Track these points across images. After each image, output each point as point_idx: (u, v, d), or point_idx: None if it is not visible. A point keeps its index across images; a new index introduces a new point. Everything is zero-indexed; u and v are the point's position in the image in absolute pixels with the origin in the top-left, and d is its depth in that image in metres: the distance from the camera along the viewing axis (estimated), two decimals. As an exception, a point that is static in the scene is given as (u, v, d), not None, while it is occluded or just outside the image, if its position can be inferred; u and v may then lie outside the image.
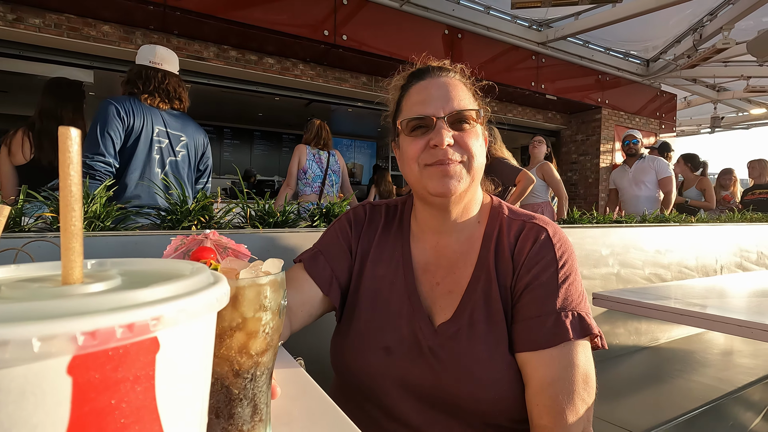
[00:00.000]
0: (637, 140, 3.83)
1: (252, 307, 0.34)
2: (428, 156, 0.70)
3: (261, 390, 0.37)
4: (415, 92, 0.73)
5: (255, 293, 0.35)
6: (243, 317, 0.34)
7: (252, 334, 0.34)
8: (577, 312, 0.66)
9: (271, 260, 0.39)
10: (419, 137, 0.71)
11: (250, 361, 0.35)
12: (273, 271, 0.38)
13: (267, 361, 0.37)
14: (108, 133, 1.74)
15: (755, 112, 9.71)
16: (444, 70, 0.76)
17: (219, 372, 0.35)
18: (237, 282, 0.35)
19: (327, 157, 3.09)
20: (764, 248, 2.51)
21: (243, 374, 0.35)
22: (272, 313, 0.36)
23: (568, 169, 7.88)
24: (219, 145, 8.12)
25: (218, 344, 0.34)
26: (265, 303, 0.35)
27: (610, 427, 1.21)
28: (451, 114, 0.69)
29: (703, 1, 5.43)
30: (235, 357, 0.34)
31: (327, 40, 4.47)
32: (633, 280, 1.85)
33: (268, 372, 0.37)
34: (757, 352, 1.87)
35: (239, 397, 0.35)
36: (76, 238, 0.20)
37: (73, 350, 0.16)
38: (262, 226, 1.15)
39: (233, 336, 0.34)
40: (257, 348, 0.35)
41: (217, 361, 0.34)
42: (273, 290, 0.36)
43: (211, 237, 0.46)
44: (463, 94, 0.73)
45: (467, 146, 0.70)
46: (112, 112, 1.76)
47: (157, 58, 1.93)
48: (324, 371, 0.84)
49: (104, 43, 3.84)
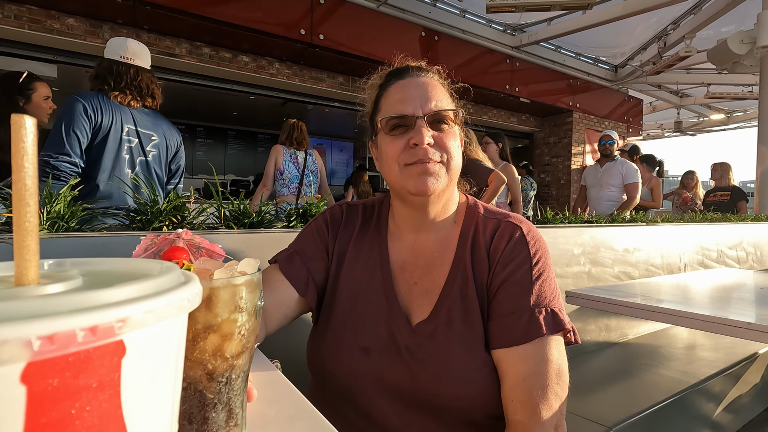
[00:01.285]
0: (613, 141, 3.93)
1: (227, 308, 0.33)
2: (408, 155, 0.70)
3: (236, 394, 0.35)
4: (395, 91, 0.73)
5: (230, 294, 0.33)
6: (217, 319, 0.33)
7: (227, 336, 0.33)
8: (550, 308, 0.67)
9: (246, 260, 0.38)
10: (399, 136, 0.70)
11: (225, 364, 0.34)
12: (249, 271, 0.37)
13: (243, 364, 0.36)
14: (74, 132, 1.66)
15: (715, 117, 10.22)
16: (423, 70, 0.76)
17: (192, 376, 0.34)
18: (211, 282, 0.33)
19: (304, 157, 3.06)
20: (724, 247, 2.64)
21: (217, 378, 0.34)
22: (248, 314, 0.35)
23: (541, 171, 8.07)
24: (192, 144, 7.91)
25: (191, 347, 0.33)
26: (240, 304, 0.34)
27: (582, 421, 1.24)
28: (431, 113, 0.69)
29: (667, 10, 5.68)
30: (209, 360, 0.33)
31: (303, 39, 4.43)
32: (603, 278, 1.91)
33: (243, 375, 0.36)
34: (717, 346, 1.97)
35: (213, 402, 0.34)
36: (31, 236, 0.18)
37: (27, 356, 0.14)
38: (237, 227, 1.12)
39: (207, 338, 0.33)
40: (232, 350, 0.34)
41: (189, 364, 0.33)
42: (249, 291, 0.35)
43: (184, 236, 0.44)
44: (442, 94, 0.73)
45: (446, 146, 0.70)
46: (79, 109, 1.68)
47: (128, 53, 1.85)
48: (301, 373, 0.82)
49: (69, 37, 3.68)
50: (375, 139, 0.77)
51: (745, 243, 2.83)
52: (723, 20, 5.53)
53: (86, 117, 1.69)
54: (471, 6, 5.62)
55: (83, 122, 1.68)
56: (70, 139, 1.65)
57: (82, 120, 1.68)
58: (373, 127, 0.77)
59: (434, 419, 0.68)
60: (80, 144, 1.68)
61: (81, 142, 1.68)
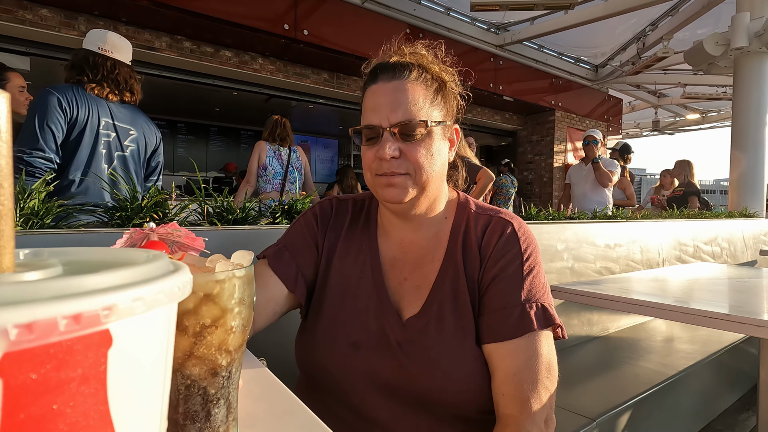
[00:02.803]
0: (597, 141, 4.03)
1: (231, 301, 0.33)
2: (377, 166, 0.69)
3: (234, 388, 0.35)
4: (368, 97, 0.71)
5: (234, 287, 0.33)
6: (224, 312, 0.33)
7: (231, 329, 0.33)
8: (540, 303, 0.68)
9: (240, 252, 0.38)
10: (371, 146, 0.69)
11: (228, 358, 0.34)
12: (245, 263, 0.37)
13: (241, 357, 0.36)
14: (48, 126, 1.59)
15: (690, 117, 10.52)
16: (399, 70, 0.69)
17: (197, 373, 0.33)
18: (216, 275, 0.33)
19: (288, 153, 3.03)
20: (700, 242, 2.72)
21: (221, 373, 0.34)
22: (248, 306, 0.35)
23: (524, 169, 8.18)
24: (173, 140, 7.74)
25: (198, 343, 0.32)
26: (244, 296, 0.34)
27: (566, 413, 1.26)
28: (396, 124, 0.66)
29: (645, 12, 5.81)
30: (215, 355, 0.33)
31: (287, 35, 4.37)
32: (585, 273, 1.94)
33: (240, 368, 0.36)
34: (694, 338, 2.03)
35: (216, 398, 0.34)
36: (5, 220, 0.17)
37: (3, 347, 0.13)
38: (221, 224, 1.10)
39: (214, 333, 0.33)
40: (235, 343, 0.34)
41: (195, 362, 0.33)
42: (248, 283, 0.35)
43: (158, 231, 0.42)
44: (415, 99, 0.67)
45: (414, 158, 0.67)
46: (53, 102, 1.61)
47: (107, 45, 1.78)
48: (287, 371, 0.81)
49: (42, 29, 3.55)
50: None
51: (720, 239, 2.92)
52: (699, 22, 5.69)
53: (61, 110, 1.62)
54: (455, 4, 5.64)
55: (57, 116, 1.61)
56: (44, 134, 1.59)
57: (56, 114, 1.61)
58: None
59: (425, 414, 0.68)
60: (55, 139, 1.61)
61: (56, 136, 1.61)
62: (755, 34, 4.22)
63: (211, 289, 0.32)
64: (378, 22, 5.11)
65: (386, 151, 0.66)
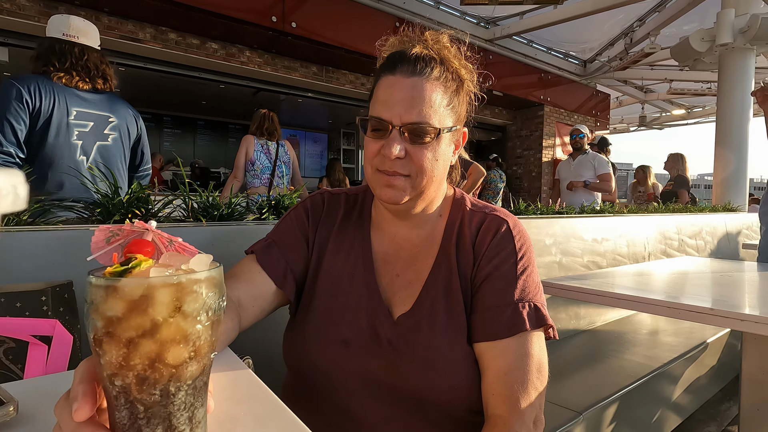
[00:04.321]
0: (583, 135, 4.08)
1: (165, 310, 0.30)
2: (379, 161, 0.67)
3: (178, 409, 0.32)
4: (383, 87, 0.67)
5: (169, 295, 0.30)
6: (153, 322, 0.29)
7: (165, 343, 0.30)
8: (533, 303, 0.67)
9: (198, 256, 0.34)
10: (375, 139, 0.67)
11: (160, 374, 0.30)
12: (198, 269, 0.33)
13: (189, 376, 0.32)
14: (6, 119, 1.51)
15: (676, 112, 10.68)
16: (420, 66, 0.65)
17: (125, 383, 0.30)
18: (147, 280, 0.30)
19: (276, 148, 2.99)
20: (685, 236, 2.76)
21: (148, 390, 0.30)
22: (193, 319, 0.31)
23: (514, 164, 8.23)
24: (159, 134, 7.61)
25: (117, 350, 0.29)
26: (184, 306, 0.30)
27: (553, 407, 1.27)
28: (408, 125, 0.64)
29: (633, 7, 5.85)
30: (139, 367, 0.29)
31: (275, 27, 4.31)
32: (573, 267, 1.96)
33: (191, 389, 0.32)
34: (678, 331, 2.06)
35: (146, 416, 0.31)
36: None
37: None
38: (206, 220, 1.08)
39: (140, 343, 0.29)
40: (174, 359, 0.30)
41: (118, 370, 0.30)
42: (196, 292, 0.31)
43: (153, 230, 0.39)
44: (433, 100, 0.65)
45: (418, 161, 0.66)
46: (12, 94, 1.53)
47: (72, 31, 1.69)
48: (274, 371, 0.80)
49: (21, 18, 3.44)
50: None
51: (704, 233, 2.97)
52: (685, 18, 5.76)
53: (21, 102, 1.53)
54: (445, -2, 5.63)
55: (17, 108, 1.53)
56: (2, 128, 1.51)
57: (15, 106, 1.53)
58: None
59: (415, 413, 0.67)
60: (15, 132, 1.53)
61: (16, 129, 1.53)
62: (740, 30, 4.28)
63: (133, 295, 0.29)
64: (367, 15, 5.06)
65: (392, 150, 0.64)
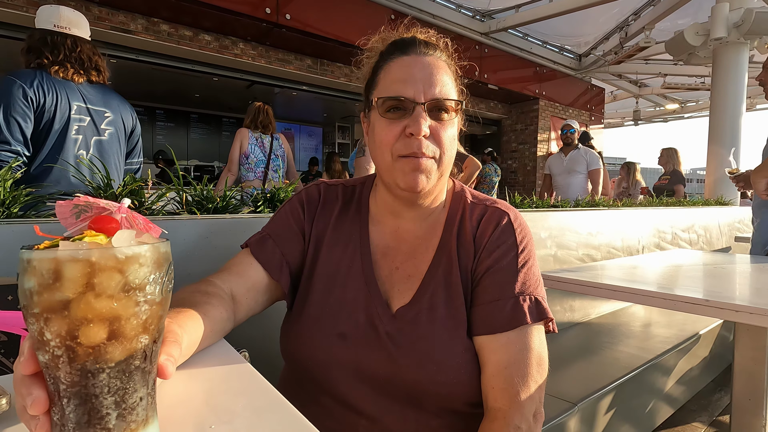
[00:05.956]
0: (573, 130, 4.08)
1: (72, 286, 0.29)
2: (402, 146, 0.64)
3: (103, 391, 0.31)
4: (397, 67, 0.66)
5: (76, 270, 0.29)
6: (61, 297, 0.29)
7: (78, 321, 0.29)
8: (534, 296, 0.67)
9: (121, 232, 0.33)
10: (395, 121, 0.64)
11: (75, 353, 0.29)
12: (117, 245, 0.32)
13: (111, 358, 0.30)
14: (13, 118, 1.49)
15: (670, 107, 10.73)
16: (431, 47, 0.67)
17: (44, 360, 0.30)
18: (54, 252, 0.29)
19: (270, 141, 2.97)
20: (677, 230, 2.78)
21: (65, 368, 0.30)
22: (106, 297, 0.30)
23: (509, 157, 8.24)
24: (151, 128, 7.54)
25: (40, 328, 0.29)
26: (96, 283, 0.29)
27: (548, 398, 1.28)
28: (432, 101, 0.63)
29: (628, 1, 5.86)
30: (55, 344, 0.29)
31: (269, 19, 4.26)
32: (568, 260, 1.97)
33: (114, 371, 0.31)
34: (671, 323, 2.08)
35: (68, 395, 0.30)
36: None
37: None
38: (200, 213, 1.07)
39: (51, 320, 0.29)
40: (87, 339, 0.29)
41: (41, 346, 0.29)
42: (110, 268, 0.30)
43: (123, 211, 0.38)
44: (447, 78, 0.66)
45: (441, 140, 0.65)
46: (18, 93, 1.50)
47: (63, 22, 1.65)
48: (271, 364, 0.80)
49: (8, 8, 3.37)
50: (368, 113, 0.71)
51: (697, 226, 3.00)
52: (680, 12, 5.77)
53: (26, 101, 1.51)
54: (441, -10, 5.59)
55: (23, 107, 1.51)
56: (10, 126, 1.48)
57: (21, 104, 1.50)
58: (369, 100, 0.71)
59: (413, 407, 0.66)
60: (22, 130, 1.51)
61: (23, 128, 1.51)
62: (734, 24, 4.29)
63: (42, 268, 0.29)
64: (362, 7, 5.02)
65: (420, 127, 0.62)
